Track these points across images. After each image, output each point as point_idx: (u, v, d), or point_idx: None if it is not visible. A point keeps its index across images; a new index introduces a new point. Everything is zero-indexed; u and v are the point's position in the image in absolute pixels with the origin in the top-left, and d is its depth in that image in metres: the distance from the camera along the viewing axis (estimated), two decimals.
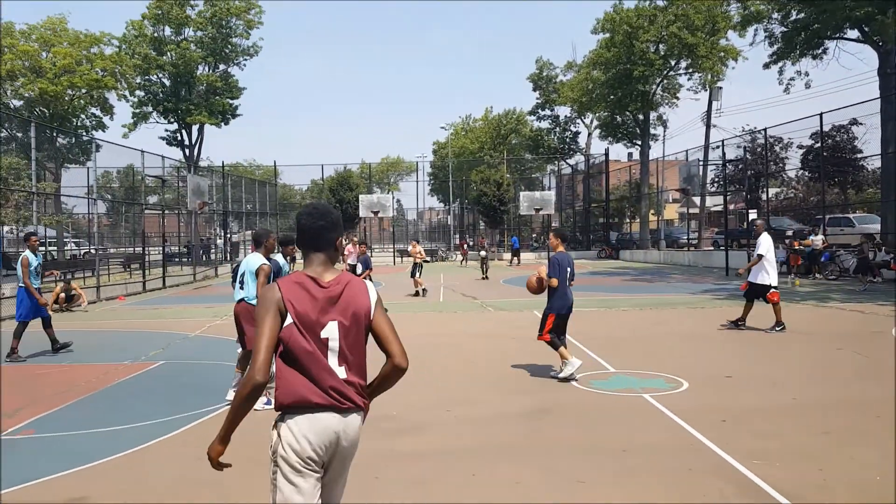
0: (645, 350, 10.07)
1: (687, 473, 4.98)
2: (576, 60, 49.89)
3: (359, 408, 2.74)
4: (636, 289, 20.85)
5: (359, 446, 2.85)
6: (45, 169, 34.53)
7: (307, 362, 2.64)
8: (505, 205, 42.82)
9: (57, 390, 8.04)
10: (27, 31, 36.76)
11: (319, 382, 2.64)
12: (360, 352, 2.78)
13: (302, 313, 2.66)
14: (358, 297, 2.77)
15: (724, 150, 29.83)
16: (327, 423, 2.65)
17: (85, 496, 4.76)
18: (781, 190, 41.67)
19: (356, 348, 2.76)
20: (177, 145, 47.53)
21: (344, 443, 2.70)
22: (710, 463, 5.20)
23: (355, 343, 2.75)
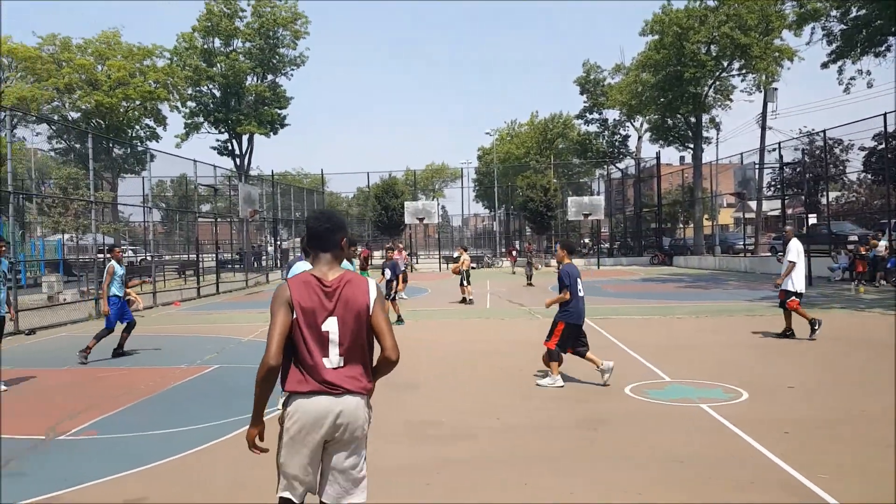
0: (701, 359, 9.82)
1: (748, 486, 4.81)
2: (624, 63, 49.28)
3: (353, 392, 3.04)
4: (691, 296, 20.40)
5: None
6: (102, 179, 35.68)
7: (304, 353, 3.01)
8: (552, 210, 42.41)
9: (117, 393, 8.24)
10: (83, 46, 38.13)
11: (313, 373, 3.01)
12: (360, 343, 3.08)
13: (306, 309, 3.01)
14: (357, 294, 3.08)
15: (780, 152, 28.97)
16: (319, 405, 3.01)
17: (143, 497, 4.85)
18: (842, 193, 40.31)
19: (355, 340, 3.06)
20: (228, 155, 48.61)
21: (340, 420, 3.02)
22: (773, 476, 5.02)
23: (354, 335, 3.05)
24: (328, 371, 3.02)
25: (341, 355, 3.04)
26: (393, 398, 7.69)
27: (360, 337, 3.08)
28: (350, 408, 3.04)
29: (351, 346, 3.05)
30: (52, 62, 36.68)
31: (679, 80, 37.76)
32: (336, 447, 3.08)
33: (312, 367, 3.02)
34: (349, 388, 3.04)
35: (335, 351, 3.04)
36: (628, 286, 24.64)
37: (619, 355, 10.19)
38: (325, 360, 3.02)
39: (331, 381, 3.01)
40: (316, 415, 3.01)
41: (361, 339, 3.09)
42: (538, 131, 59.96)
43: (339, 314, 3.04)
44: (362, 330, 3.08)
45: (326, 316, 3.03)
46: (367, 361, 3.13)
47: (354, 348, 3.07)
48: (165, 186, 54.15)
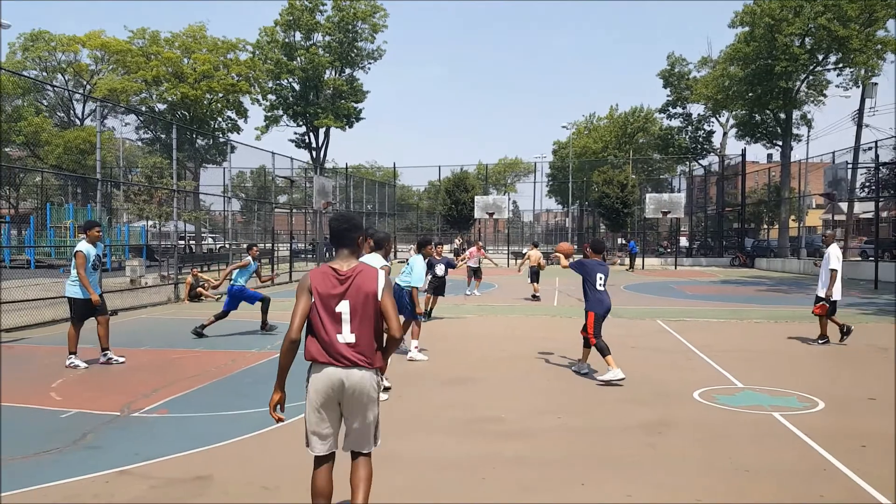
0: (777, 365, 9.43)
1: (817, 500, 4.58)
2: (711, 56, 47.64)
3: (359, 365, 3.63)
4: (771, 300, 19.61)
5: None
6: (185, 168, 37.08)
7: (320, 331, 3.64)
8: (629, 207, 41.46)
9: (189, 374, 8.56)
10: (171, 39, 39.66)
11: (326, 347, 3.63)
12: (369, 323, 3.67)
13: (322, 294, 3.64)
14: (367, 282, 3.68)
15: (877, 151, 27.32)
16: (330, 374, 3.63)
17: (207, 474, 5.02)
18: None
19: (364, 321, 3.65)
20: (305, 147, 49.71)
21: (348, 389, 3.64)
22: (844, 490, 4.77)
23: (364, 317, 3.65)
24: (341, 346, 3.62)
25: (352, 332, 3.63)
26: (453, 393, 7.70)
27: (368, 317, 3.66)
28: (355, 378, 3.63)
29: (360, 324, 3.64)
30: (141, 55, 38.36)
31: (769, 74, 36.21)
32: (349, 409, 3.70)
33: (328, 343, 3.63)
34: (357, 361, 3.63)
35: (347, 328, 3.63)
36: (705, 288, 23.91)
37: (691, 359, 9.91)
38: (339, 336, 3.63)
39: (343, 354, 3.62)
40: (328, 382, 3.63)
41: (370, 320, 3.67)
42: (617, 125, 58.60)
43: (351, 298, 3.63)
44: (371, 312, 3.66)
45: (340, 300, 3.62)
46: (375, 339, 3.71)
47: (364, 327, 3.65)
48: (245, 177, 55.90)
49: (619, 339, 11.68)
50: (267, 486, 4.84)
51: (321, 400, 3.67)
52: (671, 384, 8.16)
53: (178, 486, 4.81)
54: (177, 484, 4.86)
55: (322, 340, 3.64)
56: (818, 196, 39.54)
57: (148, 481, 4.88)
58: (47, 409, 6.77)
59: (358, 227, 3.82)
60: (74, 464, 5.19)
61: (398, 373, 8.82)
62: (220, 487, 4.81)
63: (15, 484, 4.75)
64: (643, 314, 15.26)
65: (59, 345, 10.71)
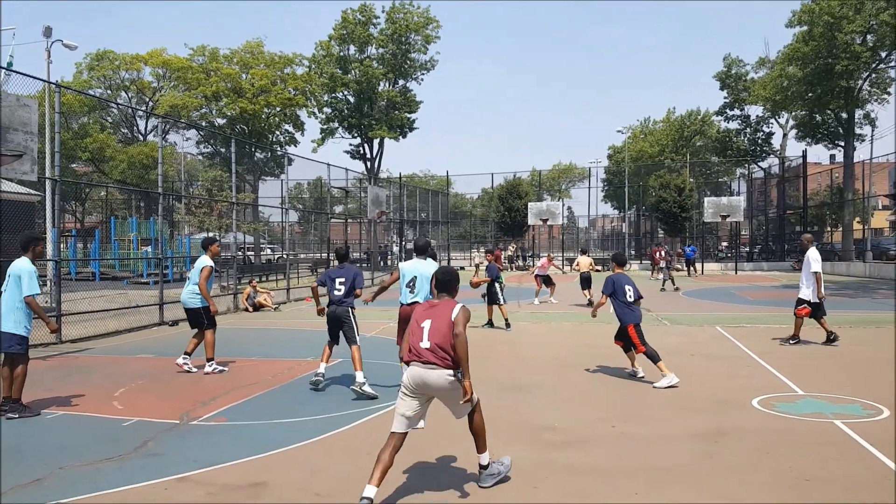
0: (840, 372, 9.10)
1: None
2: (769, 56, 46.39)
3: (440, 366, 4.70)
4: (834, 304, 18.87)
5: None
6: (244, 181, 38.00)
7: (411, 339, 4.86)
8: (687, 211, 40.58)
9: (247, 382, 8.74)
10: (229, 56, 40.76)
11: (414, 349, 4.80)
12: (445, 336, 4.73)
13: (416, 316, 4.95)
14: (445, 310, 4.86)
15: None
16: (414, 371, 4.76)
17: (264, 481, 5.11)
18: None
19: (441, 333, 4.75)
20: (359, 158, 50.34)
21: (430, 383, 4.73)
22: None
23: (442, 331, 4.75)
24: (419, 350, 4.77)
25: (429, 339, 4.76)
26: (508, 400, 7.66)
27: (444, 334, 4.76)
28: (433, 375, 4.71)
29: (438, 337, 4.74)
30: (201, 72, 39.54)
31: (829, 74, 35.05)
32: (438, 398, 4.88)
33: (411, 348, 4.83)
34: (436, 362, 4.71)
35: (426, 335, 4.78)
36: (767, 293, 23.22)
37: (750, 365, 9.64)
38: (422, 343, 4.78)
39: (419, 356, 4.76)
40: (413, 377, 4.75)
41: (446, 335, 4.75)
42: (674, 128, 57.49)
43: (433, 319, 4.83)
44: (447, 329, 4.77)
45: (426, 318, 4.85)
46: (447, 347, 4.73)
47: (440, 339, 4.74)
48: (302, 188, 56.92)
49: (677, 347, 11.47)
50: (320, 493, 4.91)
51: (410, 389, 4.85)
52: (729, 392, 7.95)
53: (235, 493, 4.92)
54: (233, 490, 4.96)
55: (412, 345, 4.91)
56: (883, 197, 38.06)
57: (205, 488, 5.00)
58: (110, 418, 7.00)
59: (456, 281, 5.17)
60: (135, 471, 5.35)
61: None
62: (274, 494, 4.90)
63: (79, 490, 4.93)
64: (702, 321, 14.92)
65: (123, 355, 11.12)
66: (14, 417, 6.95)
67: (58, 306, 12.42)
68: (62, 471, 5.34)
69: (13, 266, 7.22)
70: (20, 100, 10.82)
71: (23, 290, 7.07)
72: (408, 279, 7.97)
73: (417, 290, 7.89)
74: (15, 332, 7.09)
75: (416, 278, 7.91)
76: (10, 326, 7.07)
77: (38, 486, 5.01)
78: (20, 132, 10.51)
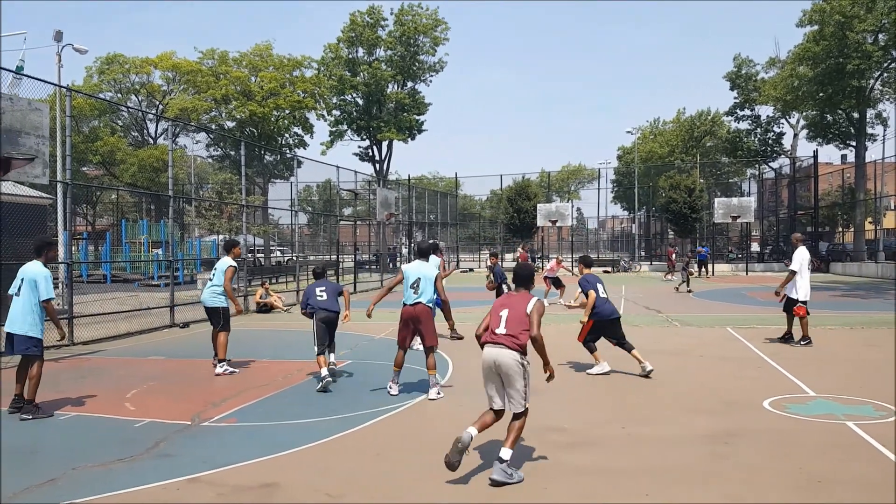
0: (852, 373, 9.04)
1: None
2: (779, 56, 46.15)
3: (508, 347, 5.26)
4: (847, 305, 18.82)
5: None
6: (254, 184, 38.11)
7: (490, 324, 5.46)
8: (697, 212, 40.35)
9: (258, 384, 8.78)
10: (239, 59, 40.92)
11: (491, 333, 5.40)
12: (519, 324, 5.32)
13: (495, 306, 5.56)
14: (522, 302, 5.45)
15: None
16: (489, 351, 5.35)
17: (276, 482, 5.14)
18: None
19: (516, 322, 5.34)
20: (368, 160, 50.47)
21: (500, 363, 5.27)
22: None
23: (517, 320, 5.34)
24: (495, 334, 5.36)
25: (505, 327, 5.34)
26: None
27: (520, 321, 5.34)
28: (503, 356, 5.25)
29: (513, 324, 5.33)
30: (210, 75, 39.70)
31: (840, 73, 34.84)
32: (504, 377, 5.28)
33: (492, 331, 5.40)
34: (507, 344, 5.27)
35: (503, 324, 5.35)
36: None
37: (761, 366, 9.60)
38: (498, 329, 5.37)
39: (494, 340, 5.34)
40: (486, 357, 5.36)
41: (520, 322, 5.33)
42: (684, 129, 57.20)
43: (510, 309, 5.42)
44: (522, 318, 5.34)
45: (504, 309, 5.44)
46: (521, 333, 5.30)
47: (515, 326, 5.32)
48: (311, 191, 57.07)
49: (687, 348, 11.44)
50: (331, 494, 4.92)
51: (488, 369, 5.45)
52: (740, 393, 7.92)
53: (246, 493, 4.94)
54: (244, 491, 4.99)
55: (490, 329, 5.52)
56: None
57: (217, 488, 5.03)
58: (122, 419, 7.05)
59: (533, 275, 5.90)
60: (147, 471, 5.39)
61: (460, 381, 8.84)
62: (285, 495, 4.92)
63: (91, 491, 4.97)
64: (712, 322, 14.86)
65: (135, 356, 11.19)
66: (27, 418, 7.02)
67: (70, 308, 12.51)
68: (75, 471, 5.38)
69: (26, 270, 7.29)
70: (32, 104, 10.90)
71: (40, 294, 7.17)
72: (412, 281, 8.09)
73: (421, 291, 8.03)
74: (31, 334, 7.18)
75: (419, 280, 8.05)
76: (26, 329, 7.17)
77: (51, 487, 5.05)
78: (32, 136, 10.59)
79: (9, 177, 10.45)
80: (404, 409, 7.42)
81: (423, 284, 8.03)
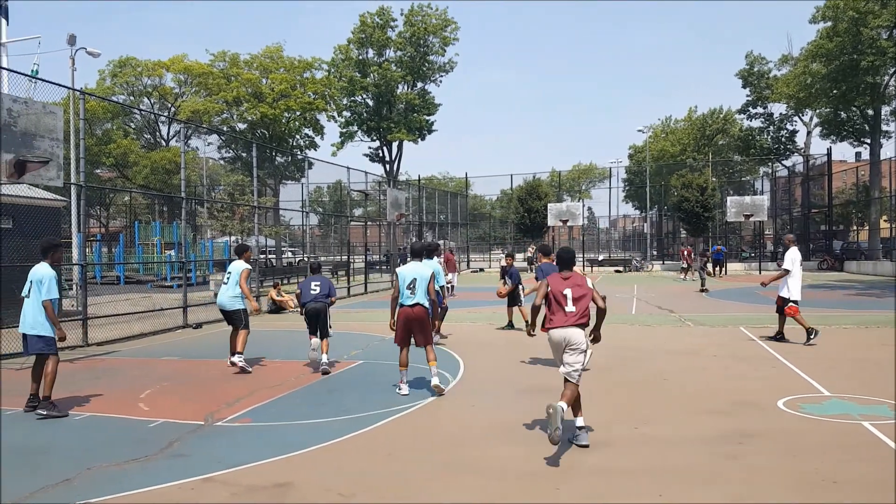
0: (868, 373, 8.95)
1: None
2: (792, 53, 45.84)
3: (579, 326, 5.99)
4: (861, 304, 18.66)
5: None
6: (265, 185, 38.25)
7: (554, 306, 6.10)
8: (709, 211, 40.13)
9: (271, 384, 8.81)
10: (249, 61, 41.11)
11: (557, 314, 6.07)
12: (584, 303, 6.06)
13: (555, 287, 6.16)
14: (581, 282, 6.16)
15: None
16: (560, 332, 6.01)
17: (289, 481, 5.16)
18: None
19: (581, 301, 6.05)
20: (378, 161, 50.54)
21: (570, 340, 5.97)
22: None
23: (581, 299, 6.05)
24: (563, 314, 6.05)
25: (574, 306, 6.03)
26: (529, 402, 7.64)
27: (584, 299, 6.06)
28: (572, 332, 5.98)
29: (579, 302, 6.04)
30: (222, 77, 39.91)
31: (855, 70, 34.54)
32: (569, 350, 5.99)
33: (559, 311, 6.08)
34: (577, 323, 6.00)
35: (571, 304, 6.04)
36: None
37: (775, 366, 9.54)
38: (567, 307, 6.04)
39: (564, 320, 6.02)
40: (557, 336, 6.04)
41: (585, 301, 6.07)
42: (696, 127, 56.89)
43: (572, 288, 6.10)
44: (586, 296, 6.07)
45: (565, 288, 6.10)
46: (586, 310, 6.05)
47: (581, 304, 6.04)
48: (322, 192, 57.22)
49: (700, 347, 11.38)
50: (343, 493, 4.93)
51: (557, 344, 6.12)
52: (754, 393, 7.87)
53: (259, 493, 4.96)
54: (258, 491, 5.01)
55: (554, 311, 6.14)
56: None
57: (231, 488, 5.05)
58: (136, 419, 7.09)
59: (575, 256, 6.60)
60: (162, 471, 5.42)
61: (474, 381, 8.84)
62: (298, 494, 4.93)
63: (106, 490, 5.00)
64: (726, 321, 14.79)
65: (149, 357, 11.25)
66: (42, 415, 7.11)
67: (84, 310, 12.61)
68: (90, 471, 5.42)
69: (34, 272, 7.43)
70: (46, 107, 11.00)
71: (42, 294, 7.29)
72: (407, 282, 8.17)
73: (416, 291, 8.12)
74: (41, 333, 7.30)
75: (415, 280, 8.13)
76: (37, 329, 7.29)
77: (66, 487, 5.09)
78: (47, 139, 10.68)
79: (24, 179, 10.54)
80: (415, 409, 7.42)
81: (418, 284, 8.13)
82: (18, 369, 9.70)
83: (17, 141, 10.13)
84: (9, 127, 9.99)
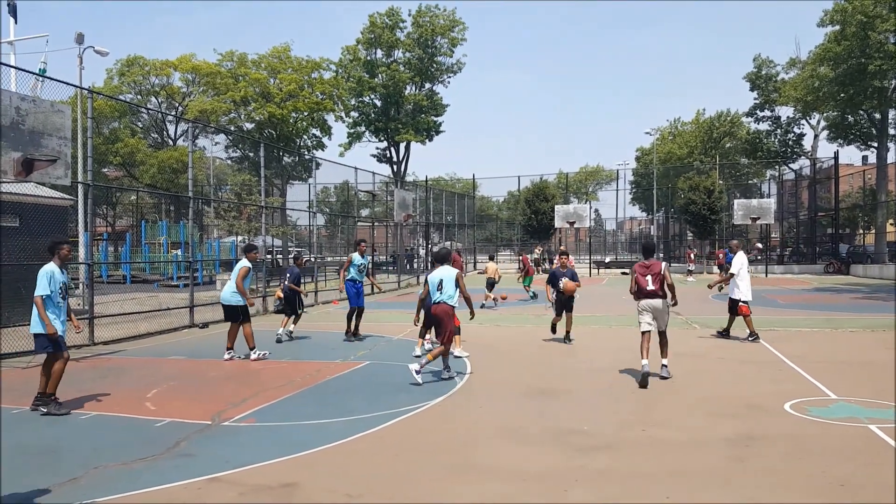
0: (874, 376, 8.91)
1: None
2: (799, 57, 45.71)
3: (659, 296, 8.86)
4: (868, 308, 18.57)
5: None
6: (272, 185, 38.30)
7: (641, 285, 8.94)
8: (716, 214, 40.02)
9: (277, 384, 8.82)
10: (257, 61, 41.15)
11: (644, 288, 8.94)
12: (660, 280, 8.82)
13: (639, 274, 9.03)
14: (657, 267, 8.97)
15: None
16: (647, 300, 8.92)
17: (296, 482, 5.16)
18: None
19: (658, 279, 8.84)
20: (386, 162, 50.50)
21: (654, 306, 8.90)
22: None
23: (658, 278, 8.84)
24: (650, 290, 8.81)
25: (654, 284, 8.76)
26: (537, 404, 7.64)
27: (660, 278, 8.81)
28: (656, 302, 8.86)
29: (657, 281, 8.78)
30: (230, 77, 39.97)
31: (862, 74, 34.41)
32: (657, 314, 8.91)
33: (643, 287, 8.87)
34: (657, 294, 8.81)
35: (652, 280, 8.80)
36: (798, 296, 22.84)
37: (782, 370, 9.50)
38: (649, 286, 8.79)
39: (650, 292, 8.83)
40: (646, 304, 8.86)
41: (661, 279, 8.80)
42: (703, 130, 56.71)
43: (650, 273, 8.87)
44: (660, 276, 8.80)
45: (648, 273, 8.88)
46: (660, 287, 8.78)
47: (658, 282, 8.79)
48: (329, 192, 57.22)
49: (707, 350, 11.36)
50: (350, 494, 4.93)
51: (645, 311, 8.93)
52: (761, 396, 7.84)
53: (266, 493, 4.97)
54: (264, 491, 5.01)
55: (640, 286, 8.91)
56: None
57: (237, 488, 5.05)
58: (143, 419, 7.11)
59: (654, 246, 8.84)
60: (168, 471, 5.43)
61: (482, 384, 8.83)
62: (305, 494, 4.94)
63: (113, 490, 5.01)
64: (734, 325, 14.69)
65: (155, 356, 11.28)
66: (42, 411, 7.14)
67: (91, 309, 12.65)
68: (97, 470, 5.44)
69: (41, 271, 7.44)
70: (54, 105, 11.03)
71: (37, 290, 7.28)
72: (436, 284, 9.29)
73: (444, 290, 9.20)
74: (35, 331, 7.35)
75: (442, 281, 9.27)
76: (34, 327, 7.34)
77: (73, 486, 5.10)
78: (54, 137, 10.72)
79: (31, 178, 10.57)
80: (422, 410, 7.42)
81: (445, 284, 9.21)
82: (25, 367, 9.73)
83: (24, 139, 10.16)
84: (17, 125, 10.02)
